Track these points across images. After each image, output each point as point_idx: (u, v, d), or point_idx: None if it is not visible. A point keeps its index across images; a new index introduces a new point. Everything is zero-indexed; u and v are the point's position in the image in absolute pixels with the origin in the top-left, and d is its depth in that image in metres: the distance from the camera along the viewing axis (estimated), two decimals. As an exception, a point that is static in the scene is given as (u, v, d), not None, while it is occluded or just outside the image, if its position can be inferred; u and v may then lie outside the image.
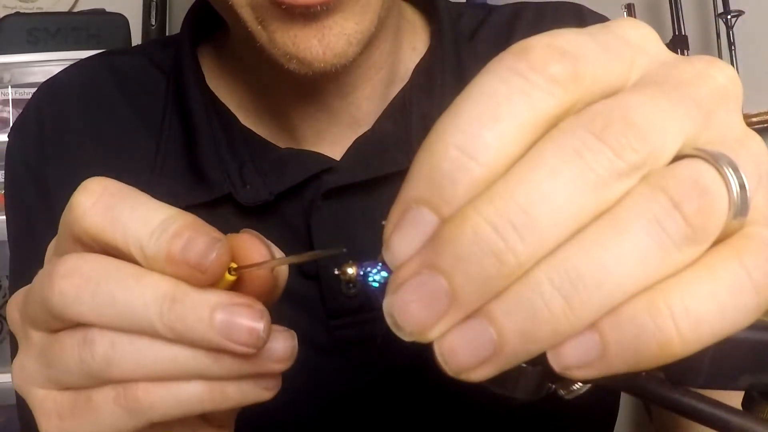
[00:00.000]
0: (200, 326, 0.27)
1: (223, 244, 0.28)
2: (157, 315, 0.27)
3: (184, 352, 0.28)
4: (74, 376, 0.30)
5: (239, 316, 0.27)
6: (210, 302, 0.27)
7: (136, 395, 0.29)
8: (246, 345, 0.28)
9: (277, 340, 0.29)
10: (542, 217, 0.21)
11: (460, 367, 0.22)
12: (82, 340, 0.29)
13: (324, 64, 0.47)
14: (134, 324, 0.28)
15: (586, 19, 0.63)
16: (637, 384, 0.26)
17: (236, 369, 0.29)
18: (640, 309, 0.21)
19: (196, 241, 0.27)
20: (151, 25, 1.45)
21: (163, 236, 0.27)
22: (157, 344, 0.28)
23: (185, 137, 0.57)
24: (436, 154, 0.22)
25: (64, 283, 0.28)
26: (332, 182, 0.54)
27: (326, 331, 0.54)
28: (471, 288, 0.21)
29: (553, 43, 0.23)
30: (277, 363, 0.30)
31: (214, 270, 0.27)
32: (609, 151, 0.21)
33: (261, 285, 0.29)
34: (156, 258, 0.27)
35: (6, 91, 1.30)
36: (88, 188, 0.29)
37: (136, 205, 0.29)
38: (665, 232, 0.21)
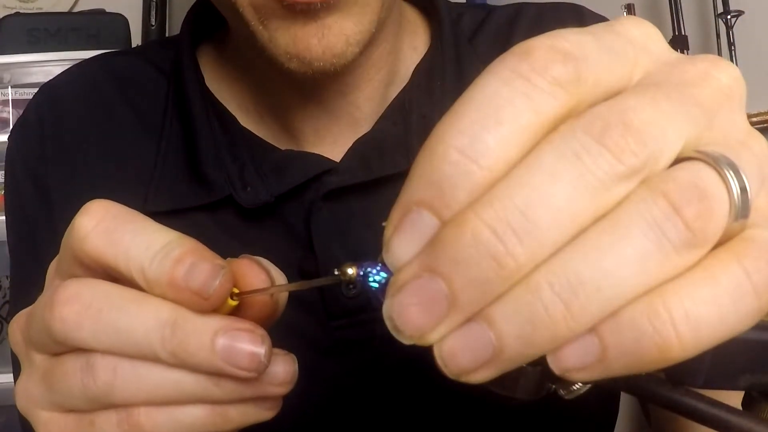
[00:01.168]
0: (202, 351, 0.27)
1: (227, 271, 0.28)
2: (159, 341, 0.27)
3: (186, 377, 0.28)
4: (77, 401, 0.30)
5: (241, 341, 0.27)
6: (212, 327, 0.27)
7: (138, 420, 0.29)
8: (247, 369, 0.28)
9: (277, 364, 0.30)
10: (541, 221, 0.21)
11: (460, 370, 0.22)
12: (85, 365, 0.29)
13: (323, 63, 0.47)
14: (136, 350, 0.28)
15: (586, 20, 0.63)
16: (637, 384, 0.26)
17: (238, 392, 0.29)
18: (640, 313, 0.21)
19: (199, 267, 0.27)
20: (151, 25, 1.45)
21: (165, 261, 0.27)
22: (159, 369, 0.28)
23: (186, 139, 0.57)
24: (437, 157, 0.22)
25: (65, 309, 0.28)
26: (332, 184, 0.54)
27: (327, 332, 0.54)
28: (470, 291, 0.21)
29: (555, 44, 0.23)
30: (277, 386, 0.30)
31: (217, 297, 0.27)
32: (608, 155, 0.21)
33: (261, 309, 0.30)
34: (158, 283, 0.27)
35: (6, 92, 1.30)
36: (90, 211, 0.29)
37: (138, 229, 0.29)
38: (665, 237, 0.21)
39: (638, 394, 0.27)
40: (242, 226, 0.55)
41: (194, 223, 0.55)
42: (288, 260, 0.54)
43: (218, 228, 0.55)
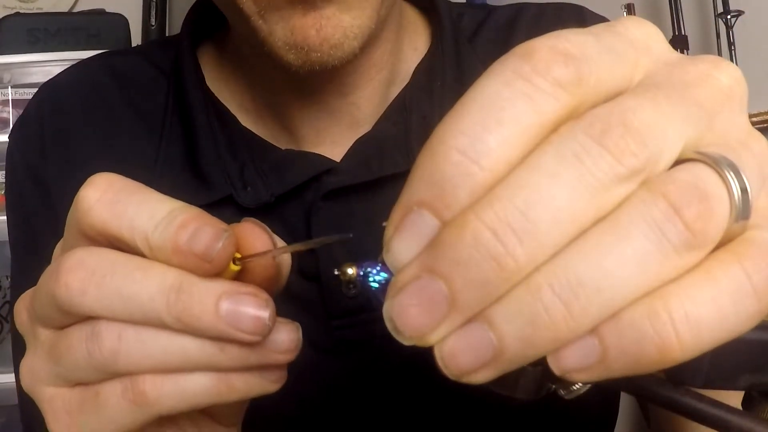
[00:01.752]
0: (207, 315, 0.27)
1: (230, 234, 0.28)
2: (164, 306, 0.28)
3: (191, 343, 0.28)
4: (82, 371, 0.30)
5: (245, 304, 0.28)
6: (216, 291, 0.28)
7: (143, 389, 0.29)
8: (252, 333, 0.28)
9: (281, 331, 0.30)
10: (541, 222, 0.21)
11: (461, 371, 0.22)
12: (90, 334, 0.29)
13: (321, 54, 0.47)
14: (141, 315, 0.28)
15: (587, 20, 0.63)
16: (637, 384, 0.26)
17: (242, 359, 0.29)
18: (640, 314, 0.21)
19: (202, 231, 0.27)
20: (151, 25, 1.45)
21: (169, 228, 0.28)
22: (164, 335, 0.28)
23: (186, 138, 0.57)
24: (438, 157, 0.22)
25: (70, 276, 0.29)
26: (332, 184, 0.54)
27: (327, 332, 0.54)
28: (470, 292, 0.21)
29: (556, 45, 0.23)
30: (282, 354, 0.30)
31: (220, 260, 0.27)
32: (608, 156, 0.21)
33: (265, 274, 0.30)
34: (162, 249, 0.28)
35: (6, 92, 1.30)
36: (94, 183, 0.30)
37: (142, 199, 0.29)
38: (665, 238, 0.21)
39: (638, 394, 0.27)
40: None
41: None
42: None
43: None
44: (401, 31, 0.59)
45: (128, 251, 0.29)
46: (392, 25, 0.56)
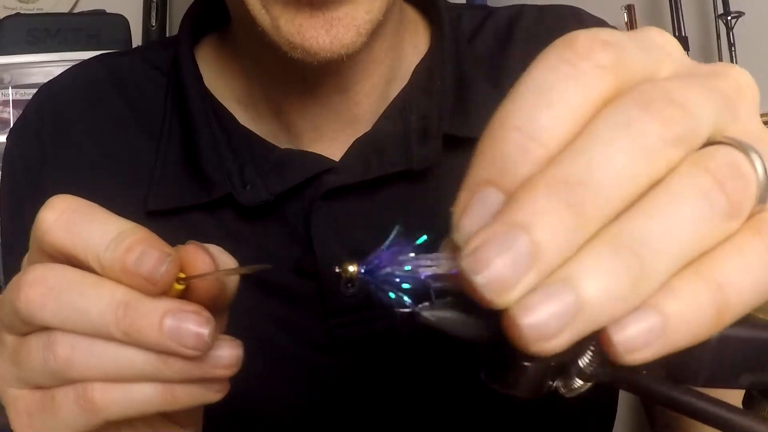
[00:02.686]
0: (151, 330, 0.30)
1: (173, 258, 0.30)
2: (113, 320, 0.30)
3: (138, 355, 0.31)
4: (39, 376, 0.32)
5: (187, 321, 0.30)
6: (161, 309, 0.30)
7: (93, 396, 0.31)
8: (193, 348, 0.30)
9: (223, 348, 0.32)
10: (603, 180, 0.22)
11: (539, 334, 0.22)
12: (46, 342, 0.31)
13: (330, 54, 0.47)
14: (92, 328, 0.31)
15: (586, 23, 0.63)
16: (638, 382, 0.26)
17: (185, 372, 0.31)
18: (694, 281, 0.23)
19: (147, 254, 0.30)
20: (151, 25, 1.45)
21: (118, 249, 0.30)
22: (113, 347, 0.31)
23: (185, 138, 0.57)
24: (498, 139, 0.24)
25: (30, 291, 0.31)
26: (332, 183, 0.54)
27: (325, 330, 0.54)
28: (552, 241, 0.22)
29: (596, 35, 0.25)
30: (222, 369, 0.32)
31: (164, 281, 0.30)
32: (656, 123, 0.23)
33: (208, 293, 0.32)
34: (111, 269, 0.30)
35: (6, 92, 1.30)
36: (53, 205, 0.32)
37: (95, 220, 0.31)
38: (712, 206, 0.23)
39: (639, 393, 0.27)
40: (242, 224, 0.55)
41: (194, 222, 0.55)
42: (287, 259, 0.55)
43: (218, 226, 0.56)
44: (401, 29, 0.59)
45: (84, 269, 0.31)
46: (392, 21, 0.56)
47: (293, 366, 0.55)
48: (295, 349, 0.55)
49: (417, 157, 0.54)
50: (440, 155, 0.55)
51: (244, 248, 0.55)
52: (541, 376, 0.26)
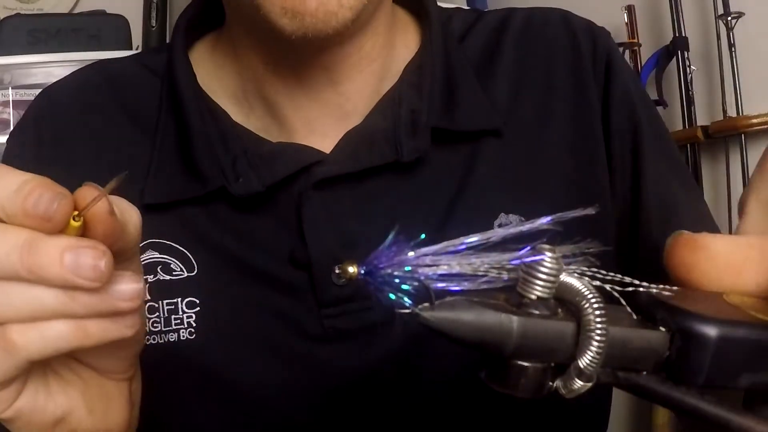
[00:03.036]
0: (53, 266, 0.32)
1: (65, 195, 0.33)
2: (18, 260, 0.32)
3: (46, 293, 0.33)
4: None
5: (84, 255, 0.32)
6: (60, 246, 0.32)
7: (11, 336, 0.34)
8: (92, 280, 0.32)
9: (122, 282, 0.34)
10: None
11: None
12: None
13: (316, 21, 0.49)
14: (2, 271, 0.33)
15: (574, 26, 0.64)
16: (638, 383, 0.26)
17: (91, 306, 0.34)
18: None
19: (43, 196, 0.32)
20: (152, 26, 1.46)
21: (18, 196, 0.32)
22: (24, 287, 0.33)
23: (179, 136, 0.58)
24: None
25: None
26: (322, 173, 0.55)
27: (318, 321, 0.55)
28: None
29: None
30: (125, 302, 0.34)
31: (59, 217, 0.32)
32: None
33: (106, 227, 0.34)
34: (15, 215, 0.33)
35: (6, 93, 1.30)
36: None
37: (1, 175, 0.34)
38: None
39: (639, 394, 0.27)
40: (235, 217, 0.56)
41: (189, 215, 0.57)
42: (280, 249, 0.56)
43: (212, 219, 0.57)
44: (393, 28, 0.61)
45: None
46: (384, 19, 0.58)
47: (288, 355, 0.56)
48: (290, 339, 0.56)
49: (406, 150, 0.56)
50: (429, 148, 0.56)
51: (238, 240, 0.56)
52: (540, 376, 0.26)
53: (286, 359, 0.56)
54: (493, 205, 0.58)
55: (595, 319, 0.25)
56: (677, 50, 1.37)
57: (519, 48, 0.63)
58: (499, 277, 0.27)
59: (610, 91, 0.62)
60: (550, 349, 0.26)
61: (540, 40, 0.63)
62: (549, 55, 0.63)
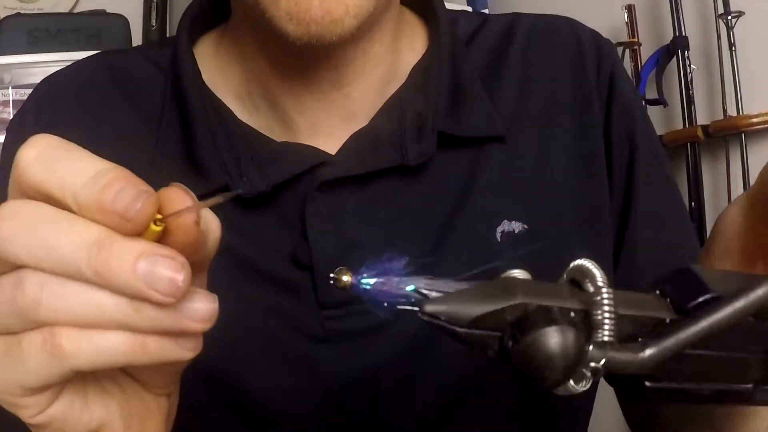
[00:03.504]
0: (124, 272, 0.29)
1: (150, 195, 0.29)
2: (85, 258, 0.29)
3: (109, 299, 0.29)
4: (6, 318, 0.31)
5: (161, 265, 0.29)
6: (135, 250, 0.29)
7: (60, 342, 0.30)
8: (166, 294, 0.29)
9: (198, 300, 0.31)
10: None
11: None
12: (15, 281, 0.30)
13: (321, 28, 0.48)
14: (63, 267, 0.29)
15: (580, 36, 0.64)
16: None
17: (157, 321, 0.30)
18: None
19: (124, 191, 0.29)
20: (152, 25, 1.46)
21: (95, 186, 0.29)
22: (84, 289, 0.30)
23: (183, 133, 0.58)
24: None
25: (3, 225, 0.30)
26: (327, 175, 0.55)
27: (319, 322, 0.55)
28: None
29: None
30: (196, 322, 0.31)
31: (140, 218, 0.29)
32: None
33: (187, 237, 0.30)
34: (88, 207, 0.29)
35: (6, 92, 1.30)
36: (33, 142, 0.31)
37: (74, 159, 0.30)
38: None
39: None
40: (238, 216, 0.56)
41: None
42: (282, 249, 0.56)
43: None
44: (399, 32, 0.60)
45: (61, 208, 0.30)
46: (390, 23, 0.58)
47: (288, 355, 0.56)
48: (291, 339, 0.56)
49: (411, 153, 0.56)
50: (434, 152, 0.56)
51: (241, 238, 0.56)
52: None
53: (286, 359, 0.56)
54: (496, 212, 0.58)
55: (605, 302, 0.27)
56: (677, 49, 1.37)
57: (524, 55, 0.63)
58: None
59: (612, 105, 0.62)
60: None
61: (545, 48, 0.63)
62: (554, 63, 0.63)
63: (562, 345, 0.26)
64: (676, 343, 0.28)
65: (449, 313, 0.28)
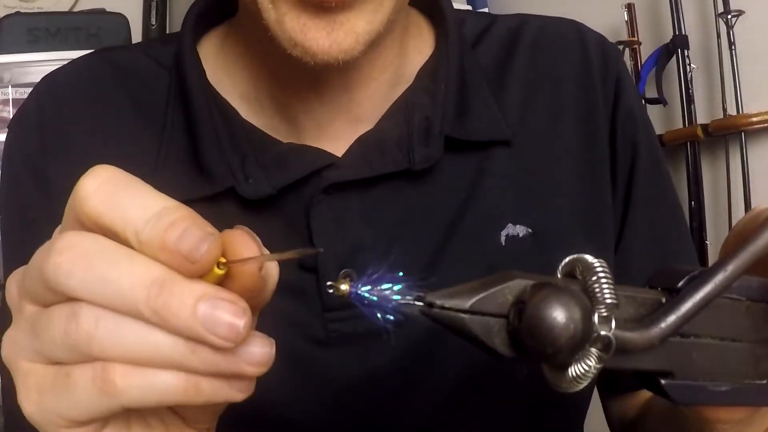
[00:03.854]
0: (184, 314, 0.28)
1: (216, 238, 0.29)
2: (144, 297, 0.28)
3: (166, 339, 0.29)
4: (58, 348, 0.30)
5: (222, 310, 0.28)
6: (196, 293, 0.28)
7: (113, 378, 0.29)
8: (225, 339, 0.28)
9: (255, 344, 0.30)
10: None
11: None
12: (70, 313, 0.29)
13: (328, 57, 0.47)
14: (121, 303, 0.29)
15: (586, 40, 0.64)
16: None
17: (213, 364, 0.29)
18: None
19: (189, 232, 0.28)
20: (151, 25, 1.46)
21: (159, 224, 0.28)
22: (141, 327, 0.29)
23: (187, 132, 0.57)
24: None
25: (61, 256, 0.29)
26: (333, 178, 0.55)
27: (322, 324, 0.55)
28: None
29: None
30: (252, 366, 0.30)
31: (204, 262, 0.28)
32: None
33: (248, 283, 0.30)
34: (150, 245, 0.28)
35: (6, 91, 1.30)
36: (94, 173, 0.30)
37: (137, 193, 0.30)
38: None
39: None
40: (242, 218, 0.56)
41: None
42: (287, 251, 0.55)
43: (219, 220, 0.55)
44: (406, 35, 0.60)
45: (120, 242, 0.30)
46: (398, 29, 0.57)
47: (292, 358, 0.56)
48: (294, 342, 0.55)
49: (418, 157, 0.55)
50: (441, 156, 0.56)
51: None
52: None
53: (290, 362, 0.56)
54: (500, 216, 0.57)
55: (601, 276, 0.28)
56: (677, 48, 1.37)
57: (531, 58, 0.62)
58: None
59: (617, 110, 0.62)
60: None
61: (552, 52, 0.63)
62: (560, 67, 0.63)
63: (567, 306, 0.27)
64: (679, 316, 0.29)
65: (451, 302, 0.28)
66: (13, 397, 0.32)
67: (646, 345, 0.28)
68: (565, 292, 0.27)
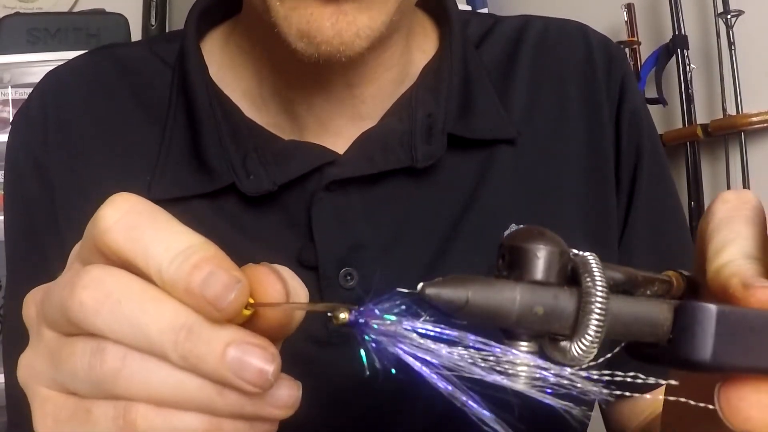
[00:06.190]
0: (212, 359, 0.27)
1: (242, 285, 0.28)
2: (172, 342, 0.28)
3: (192, 381, 0.28)
4: (80, 383, 0.30)
5: (251, 355, 0.28)
6: (225, 338, 0.28)
7: (134, 418, 0.29)
8: (254, 384, 0.28)
9: (282, 387, 0.30)
10: None
11: None
12: (95, 348, 0.29)
13: (331, 48, 0.48)
14: (148, 346, 0.28)
15: (590, 41, 0.64)
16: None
17: (238, 407, 0.29)
18: None
19: (216, 277, 0.27)
20: (151, 25, 1.46)
21: (184, 266, 0.27)
22: (167, 368, 0.28)
23: (190, 129, 0.58)
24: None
25: (85, 294, 0.29)
26: (335, 175, 0.55)
27: (323, 324, 0.55)
28: None
29: None
30: (278, 409, 0.30)
31: (230, 311, 0.27)
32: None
33: (275, 319, 0.30)
34: (174, 286, 0.28)
35: (6, 91, 1.30)
36: (115, 203, 0.29)
37: (160, 228, 0.29)
38: None
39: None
40: (244, 214, 0.56)
41: (196, 211, 0.56)
42: (288, 249, 0.55)
43: (220, 216, 0.56)
44: (411, 33, 0.60)
45: (142, 276, 0.29)
46: (403, 27, 0.57)
47: (292, 358, 0.55)
48: (294, 342, 0.55)
49: (421, 155, 0.55)
50: (443, 154, 0.56)
51: (246, 236, 0.56)
52: None
53: (290, 361, 0.56)
54: (504, 215, 0.57)
55: (596, 286, 0.27)
56: (677, 48, 1.37)
57: (535, 59, 0.63)
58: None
59: (621, 111, 0.62)
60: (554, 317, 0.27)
61: (556, 53, 0.63)
62: (564, 67, 0.63)
63: (549, 237, 0.27)
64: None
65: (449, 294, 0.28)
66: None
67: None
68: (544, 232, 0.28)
